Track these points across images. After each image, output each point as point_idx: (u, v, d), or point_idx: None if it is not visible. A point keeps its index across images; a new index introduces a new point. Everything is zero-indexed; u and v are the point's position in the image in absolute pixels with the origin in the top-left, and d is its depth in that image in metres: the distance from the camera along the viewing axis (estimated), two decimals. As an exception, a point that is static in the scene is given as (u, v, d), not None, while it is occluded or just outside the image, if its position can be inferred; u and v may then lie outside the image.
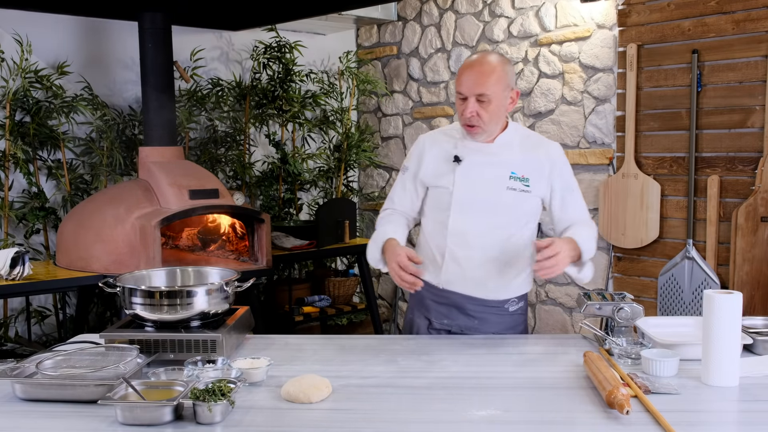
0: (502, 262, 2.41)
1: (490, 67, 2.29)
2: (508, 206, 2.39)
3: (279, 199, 5.29)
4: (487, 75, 2.27)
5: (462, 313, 2.46)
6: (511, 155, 2.40)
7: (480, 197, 2.38)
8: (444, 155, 2.43)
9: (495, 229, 2.39)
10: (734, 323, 1.88)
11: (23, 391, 1.84)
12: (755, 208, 3.63)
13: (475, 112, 2.29)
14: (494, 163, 2.39)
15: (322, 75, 5.51)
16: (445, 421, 1.69)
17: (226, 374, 1.89)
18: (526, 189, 2.38)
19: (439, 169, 2.43)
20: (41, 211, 4.23)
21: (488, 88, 2.27)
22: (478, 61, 2.31)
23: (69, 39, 4.50)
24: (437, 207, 2.44)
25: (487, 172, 2.38)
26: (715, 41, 3.78)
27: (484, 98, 2.28)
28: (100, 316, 4.50)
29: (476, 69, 2.29)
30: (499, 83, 2.29)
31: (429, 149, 2.47)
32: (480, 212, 2.37)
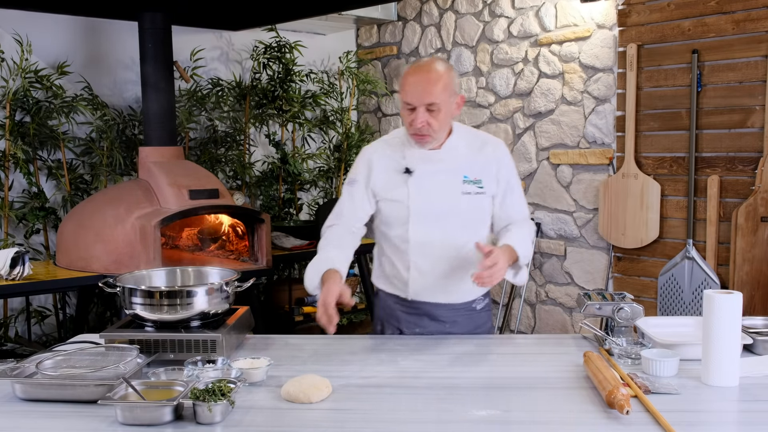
0: (465, 265, 2.39)
1: (437, 74, 2.24)
2: (465, 211, 2.37)
3: (279, 199, 5.29)
4: (434, 83, 2.22)
5: (433, 320, 2.46)
6: (460, 159, 2.37)
7: (437, 206, 2.35)
8: (393, 166, 2.38)
9: (456, 234, 2.37)
10: (734, 323, 1.88)
11: (23, 391, 1.84)
12: (755, 208, 3.63)
13: (426, 121, 2.24)
14: (446, 169, 2.36)
15: (322, 75, 5.51)
16: (445, 421, 1.69)
17: (226, 374, 1.88)
18: (480, 191, 2.37)
19: (390, 182, 2.38)
20: (41, 211, 4.23)
21: (437, 97, 2.22)
22: (424, 69, 2.25)
23: (69, 39, 4.50)
24: (394, 221, 2.40)
25: (440, 180, 2.35)
26: (715, 41, 3.78)
27: (434, 107, 2.23)
28: (100, 316, 4.50)
29: (423, 78, 2.23)
30: (446, 90, 2.25)
31: (377, 161, 2.41)
32: (439, 221, 2.35)
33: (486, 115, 4.97)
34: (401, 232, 2.39)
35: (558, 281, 4.65)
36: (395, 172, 2.38)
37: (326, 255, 2.35)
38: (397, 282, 2.45)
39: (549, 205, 4.65)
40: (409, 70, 2.28)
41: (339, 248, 2.38)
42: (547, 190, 4.65)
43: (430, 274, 2.40)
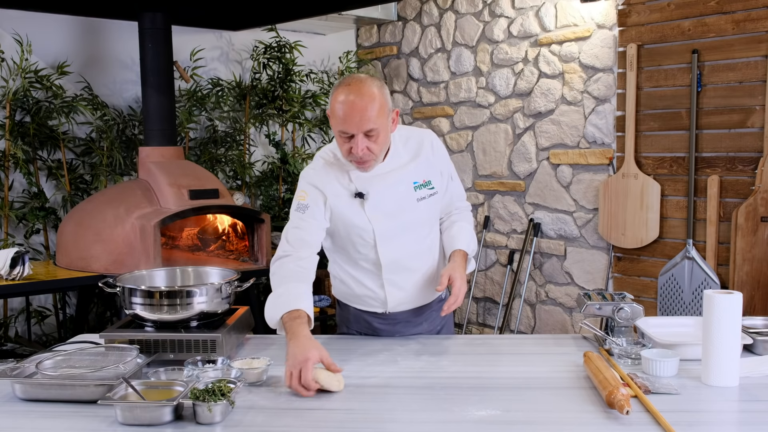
0: (433, 267, 2.40)
1: (371, 97, 2.08)
2: (424, 215, 2.34)
3: (279, 199, 5.29)
4: (370, 108, 2.07)
5: (410, 325, 2.45)
6: (404, 166, 2.29)
7: (399, 222, 2.28)
8: (343, 191, 2.25)
9: (420, 241, 2.35)
10: (734, 323, 1.88)
11: (23, 391, 1.84)
12: (755, 208, 3.62)
13: (365, 147, 2.11)
14: (395, 182, 2.27)
15: (322, 75, 5.51)
16: (445, 421, 1.69)
17: (226, 374, 1.88)
18: (432, 191, 2.33)
19: (345, 207, 2.25)
20: (41, 211, 4.23)
21: (375, 122, 2.08)
22: (356, 93, 2.07)
23: (69, 39, 4.50)
24: (359, 246, 2.29)
25: (393, 196, 2.26)
26: (715, 41, 3.78)
27: (373, 132, 2.10)
28: (100, 316, 4.50)
29: (358, 104, 2.06)
30: (383, 112, 2.11)
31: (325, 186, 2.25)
32: (404, 234, 2.30)
33: (486, 115, 4.97)
34: (369, 255, 2.30)
35: (558, 281, 4.65)
36: (347, 197, 2.25)
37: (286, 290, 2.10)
38: (372, 301, 2.39)
39: (549, 205, 4.65)
40: (339, 94, 2.09)
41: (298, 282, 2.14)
42: (547, 190, 4.65)
43: (406, 286, 2.37)
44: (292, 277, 2.13)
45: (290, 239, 2.22)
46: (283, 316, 2.02)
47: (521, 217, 4.82)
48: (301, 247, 2.20)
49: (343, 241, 2.31)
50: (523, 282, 4.78)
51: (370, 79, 2.14)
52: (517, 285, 4.81)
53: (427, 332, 2.46)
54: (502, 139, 4.87)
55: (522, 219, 4.81)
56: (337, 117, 2.10)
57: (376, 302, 2.39)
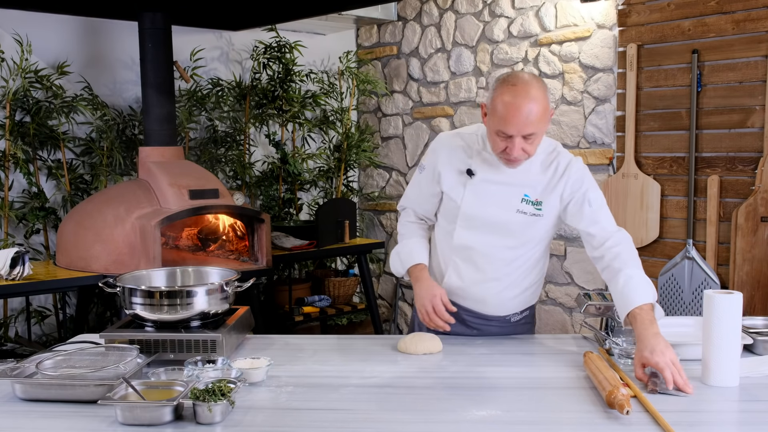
0: (504, 282, 2.35)
1: (538, 102, 2.06)
2: (516, 229, 2.27)
3: (279, 199, 5.29)
4: (535, 113, 2.05)
5: (461, 323, 2.43)
6: (528, 176, 2.25)
7: (487, 216, 2.26)
8: (458, 164, 2.29)
9: (501, 249, 2.29)
10: (734, 323, 1.88)
11: (23, 391, 1.84)
12: (755, 208, 3.63)
13: (522, 149, 2.11)
14: (508, 182, 2.25)
15: (322, 75, 5.51)
16: (445, 421, 1.69)
17: (226, 374, 1.89)
18: (538, 213, 2.25)
19: (451, 179, 2.30)
20: (41, 211, 4.23)
21: (537, 126, 2.08)
22: (523, 97, 2.05)
23: (69, 39, 4.50)
24: (446, 217, 2.36)
25: (498, 191, 2.25)
26: (715, 41, 3.78)
27: (532, 137, 2.10)
28: (100, 316, 4.50)
29: (524, 109, 2.04)
30: (544, 116, 2.11)
31: (444, 154, 2.32)
32: (486, 231, 2.28)
33: (486, 115, 4.96)
34: (449, 229, 2.35)
35: (558, 281, 4.65)
36: (458, 171, 2.29)
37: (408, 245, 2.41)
38: (436, 275, 2.44)
39: (549, 205, 4.65)
40: (505, 94, 2.07)
41: (416, 237, 2.44)
42: (547, 190, 4.65)
43: (466, 279, 2.35)
44: (410, 234, 2.44)
45: (409, 195, 2.49)
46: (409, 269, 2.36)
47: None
48: (411, 201, 2.48)
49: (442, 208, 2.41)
50: (523, 282, 4.78)
51: (536, 81, 2.11)
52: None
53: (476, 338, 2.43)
54: (502, 139, 4.86)
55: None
56: (498, 117, 2.09)
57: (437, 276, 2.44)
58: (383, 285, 5.79)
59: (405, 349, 2.24)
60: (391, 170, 5.64)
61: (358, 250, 4.93)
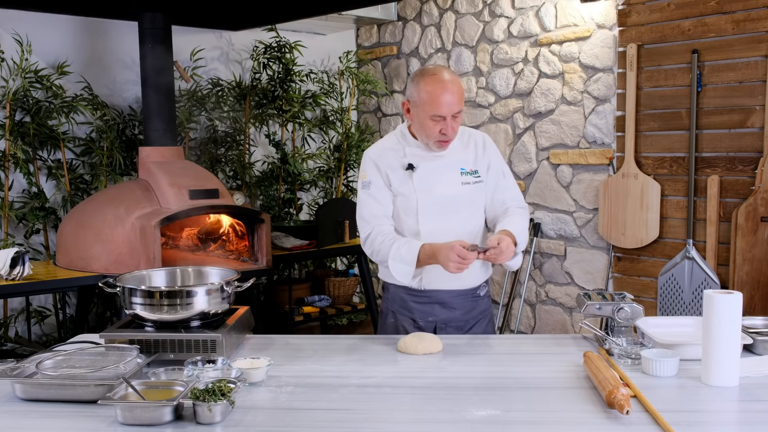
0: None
1: (458, 84, 2.43)
2: (467, 200, 2.54)
3: (279, 199, 5.29)
4: (458, 93, 2.41)
5: (444, 307, 2.57)
6: (455, 154, 2.55)
7: (441, 197, 2.51)
8: (396, 164, 2.54)
9: (461, 223, 2.54)
10: (734, 323, 1.88)
11: (23, 391, 1.84)
12: (755, 208, 3.63)
13: (452, 127, 2.43)
14: (444, 164, 2.53)
15: (322, 75, 5.51)
16: (445, 421, 1.69)
17: (226, 374, 1.89)
18: (478, 179, 2.56)
19: (397, 178, 2.53)
20: (41, 211, 4.23)
21: (460, 104, 2.43)
22: (449, 81, 2.41)
23: (69, 39, 4.50)
24: (404, 214, 2.53)
25: (441, 173, 2.52)
26: (715, 41, 3.78)
27: (458, 114, 2.43)
28: (100, 316, 4.50)
29: (451, 89, 2.39)
30: (463, 96, 2.47)
31: (381, 160, 2.55)
32: (444, 211, 2.50)
33: (486, 115, 4.97)
34: (412, 224, 2.52)
35: (558, 281, 4.65)
36: (399, 169, 2.53)
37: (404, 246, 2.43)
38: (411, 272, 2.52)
39: (549, 205, 4.65)
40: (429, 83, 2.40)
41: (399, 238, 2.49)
42: (547, 190, 4.65)
43: None
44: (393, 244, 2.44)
45: (366, 217, 2.54)
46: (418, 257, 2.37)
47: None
48: (377, 222, 2.52)
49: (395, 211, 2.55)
50: (523, 282, 4.78)
51: (446, 69, 2.47)
52: (517, 285, 4.81)
53: (461, 320, 2.58)
54: (502, 139, 4.87)
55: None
56: (430, 103, 2.39)
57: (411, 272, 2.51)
58: (383, 285, 5.79)
59: (405, 349, 2.24)
60: (391, 170, 5.64)
61: (358, 250, 4.92)
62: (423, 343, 2.25)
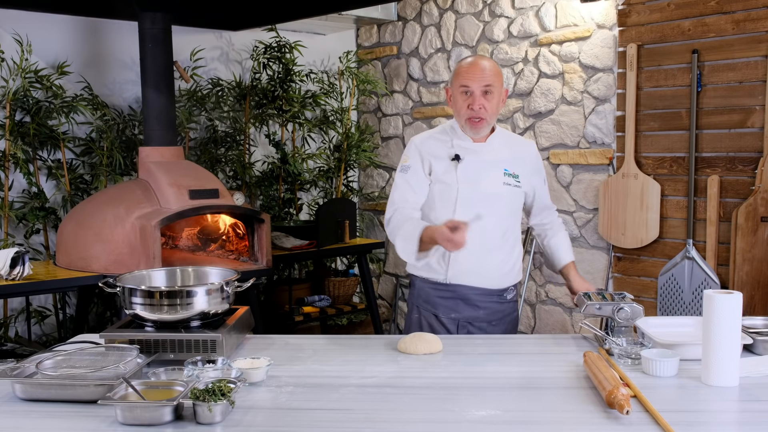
0: (503, 252, 2.62)
1: (491, 62, 2.51)
2: (505, 200, 2.59)
3: (279, 199, 5.29)
4: (490, 69, 2.47)
5: (468, 304, 2.59)
6: (501, 154, 2.60)
7: (482, 192, 2.54)
8: (442, 153, 2.57)
9: (496, 222, 2.56)
10: (734, 323, 1.88)
11: (23, 391, 1.84)
12: (755, 208, 3.63)
13: (482, 104, 2.45)
14: (490, 160, 2.57)
15: (322, 75, 5.51)
16: (445, 421, 1.69)
17: (226, 374, 1.89)
18: (518, 184, 2.60)
19: (441, 166, 2.56)
20: (41, 211, 4.23)
21: (492, 79, 2.46)
22: (479, 57, 2.50)
23: (69, 39, 4.50)
24: (441, 204, 2.56)
25: (485, 169, 2.56)
26: (715, 41, 3.78)
27: (489, 89, 2.45)
28: (100, 316, 4.50)
29: (480, 63, 2.46)
30: (499, 78, 2.51)
31: (427, 147, 2.60)
32: (483, 206, 2.50)
33: (486, 115, 4.96)
34: (447, 214, 2.52)
35: (558, 281, 4.65)
36: (445, 158, 2.56)
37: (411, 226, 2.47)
38: (437, 265, 2.57)
39: (549, 205, 4.65)
40: (465, 59, 2.53)
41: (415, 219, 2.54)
42: (547, 190, 4.65)
43: (470, 255, 2.50)
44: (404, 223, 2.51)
45: (395, 200, 2.59)
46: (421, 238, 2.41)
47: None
48: (404, 205, 2.57)
49: (430, 199, 2.57)
50: (523, 282, 4.78)
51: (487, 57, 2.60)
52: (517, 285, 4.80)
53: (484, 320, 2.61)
54: (502, 139, 4.86)
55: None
56: (459, 75, 2.48)
57: (439, 266, 2.56)
58: (383, 285, 5.79)
59: (405, 349, 2.24)
60: (391, 170, 5.64)
61: (358, 250, 4.93)
62: (423, 343, 2.25)
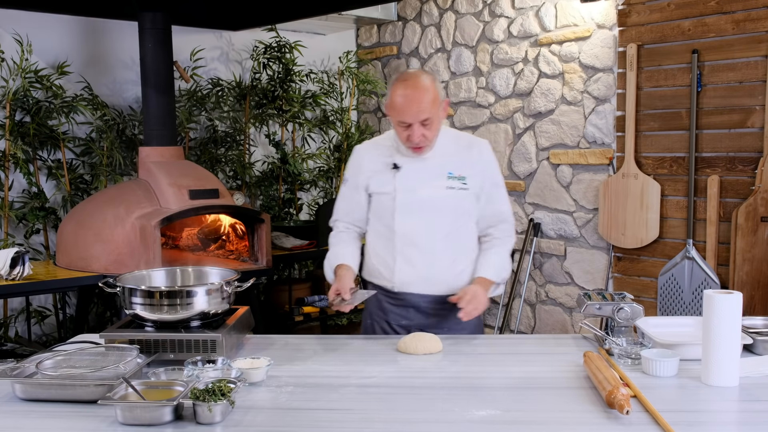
0: (450, 258, 2.51)
1: (425, 90, 2.35)
2: (448, 205, 2.49)
3: (279, 199, 5.29)
4: (427, 100, 2.34)
5: (419, 312, 2.54)
6: (445, 157, 2.51)
7: (422, 198, 2.48)
8: (382, 163, 2.53)
9: (439, 227, 2.49)
10: (734, 323, 1.88)
11: (23, 391, 1.84)
12: (755, 208, 3.63)
13: (422, 134, 2.38)
14: (431, 166, 2.49)
15: (322, 75, 5.51)
16: (445, 421, 1.69)
17: (226, 374, 1.89)
18: (464, 186, 2.49)
19: (379, 176, 2.53)
20: (41, 211, 4.23)
21: (429, 112, 2.35)
22: (412, 87, 2.35)
23: (69, 39, 4.50)
24: (382, 213, 2.53)
25: (425, 175, 2.49)
26: (715, 41, 3.78)
27: (428, 121, 2.36)
28: (100, 316, 4.50)
29: (415, 96, 2.33)
30: (436, 102, 2.37)
31: (367, 158, 2.58)
32: (423, 213, 2.47)
33: (486, 115, 4.97)
34: (388, 223, 2.51)
35: (558, 281, 4.65)
36: (384, 168, 2.52)
37: (334, 251, 2.60)
38: (385, 272, 2.54)
39: (549, 205, 4.65)
40: (397, 89, 2.37)
41: (344, 243, 2.61)
42: (547, 190, 4.65)
43: (416, 264, 2.49)
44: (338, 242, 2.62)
45: (335, 207, 2.67)
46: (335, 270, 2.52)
47: (521, 217, 4.82)
48: (343, 217, 2.64)
49: (373, 208, 2.57)
50: (523, 282, 4.78)
51: (425, 74, 2.42)
52: (517, 285, 4.81)
53: (437, 327, 2.52)
54: (502, 139, 4.87)
55: (522, 219, 4.81)
56: (396, 109, 2.38)
57: (387, 273, 2.53)
58: (383, 285, 5.79)
59: (405, 349, 2.24)
60: (391, 170, 5.64)
61: (359, 250, 4.92)
62: (423, 343, 2.25)
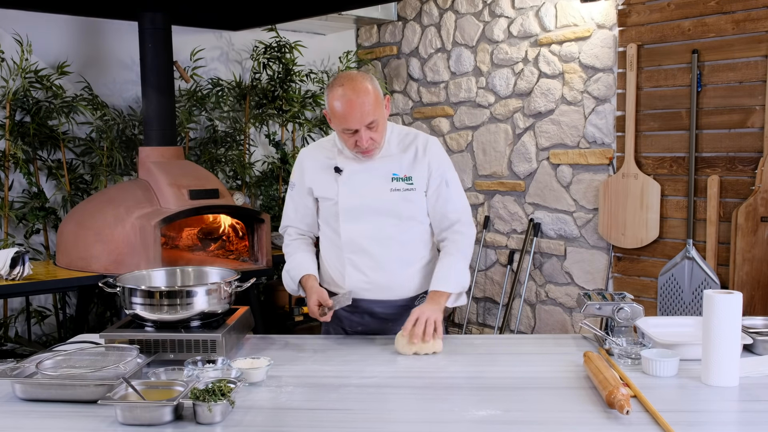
0: (400, 262, 2.43)
1: (366, 93, 2.25)
2: (394, 207, 2.40)
3: (279, 199, 5.29)
4: (368, 103, 2.24)
5: (373, 317, 2.48)
6: (390, 158, 2.41)
7: (366, 202, 2.39)
8: (325, 167, 2.44)
9: (386, 230, 2.40)
10: (734, 323, 1.88)
11: (23, 391, 1.84)
12: (755, 208, 3.63)
13: (369, 138, 2.29)
14: (375, 168, 2.40)
15: (322, 75, 5.51)
16: (445, 421, 1.69)
17: (226, 374, 1.89)
18: (410, 187, 2.40)
19: (322, 181, 2.44)
20: (41, 211, 4.23)
21: (374, 114, 2.26)
22: (351, 91, 2.24)
23: (69, 39, 4.50)
24: (328, 218, 2.46)
25: (368, 178, 2.40)
26: (715, 41, 3.78)
27: (373, 124, 2.28)
28: (100, 316, 4.50)
29: (357, 102, 2.23)
30: (379, 103, 2.29)
31: (309, 163, 2.48)
32: (369, 217, 2.40)
33: (486, 115, 4.97)
34: (334, 228, 2.44)
35: (558, 281, 4.65)
36: (327, 172, 2.43)
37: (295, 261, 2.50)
38: (336, 279, 2.47)
39: (549, 205, 4.65)
40: (335, 94, 2.25)
41: (301, 252, 2.52)
42: (547, 190, 4.65)
43: (365, 269, 2.42)
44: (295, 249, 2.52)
45: (287, 213, 2.57)
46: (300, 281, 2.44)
47: (521, 217, 4.82)
48: (294, 224, 2.55)
49: (321, 214, 2.49)
50: (523, 282, 4.78)
51: (360, 75, 2.31)
52: (517, 285, 4.81)
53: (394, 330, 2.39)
54: (502, 139, 4.87)
55: (522, 219, 4.81)
56: (338, 117, 2.27)
57: (339, 281, 2.46)
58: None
59: (405, 349, 2.24)
60: (391, 170, 5.64)
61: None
62: (423, 343, 2.24)
